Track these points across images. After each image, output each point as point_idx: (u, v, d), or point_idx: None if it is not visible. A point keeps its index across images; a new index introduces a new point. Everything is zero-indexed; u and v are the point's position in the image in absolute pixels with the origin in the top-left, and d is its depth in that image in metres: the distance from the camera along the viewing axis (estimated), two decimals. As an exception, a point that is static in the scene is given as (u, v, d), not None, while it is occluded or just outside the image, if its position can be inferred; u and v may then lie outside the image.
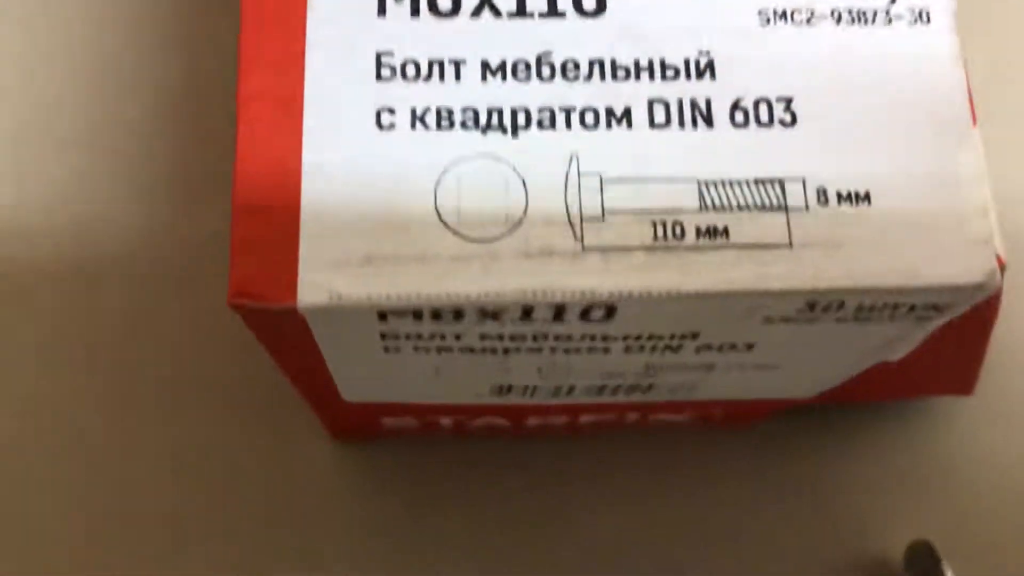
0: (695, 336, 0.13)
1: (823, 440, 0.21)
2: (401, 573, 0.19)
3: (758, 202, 0.11)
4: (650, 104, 0.12)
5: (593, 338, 0.12)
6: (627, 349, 0.13)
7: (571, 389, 0.15)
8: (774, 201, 0.11)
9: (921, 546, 0.19)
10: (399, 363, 0.13)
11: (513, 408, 0.17)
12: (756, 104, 0.12)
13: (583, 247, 0.11)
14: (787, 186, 0.11)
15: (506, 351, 0.13)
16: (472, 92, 0.12)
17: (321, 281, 0.11)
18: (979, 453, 0.21)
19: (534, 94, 0.12)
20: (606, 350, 0.13)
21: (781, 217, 0.11)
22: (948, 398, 0.21)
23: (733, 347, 0.13)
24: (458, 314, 0.11)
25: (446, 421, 0.18)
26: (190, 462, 0.20)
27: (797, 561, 0.20)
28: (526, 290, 0.11)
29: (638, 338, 0.13)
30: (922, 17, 0.12)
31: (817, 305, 0.12)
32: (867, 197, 0.11)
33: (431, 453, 0.20)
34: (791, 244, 0.11)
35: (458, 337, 0.12)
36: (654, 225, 0.11)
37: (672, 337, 0.13)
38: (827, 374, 0.15)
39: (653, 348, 0.13)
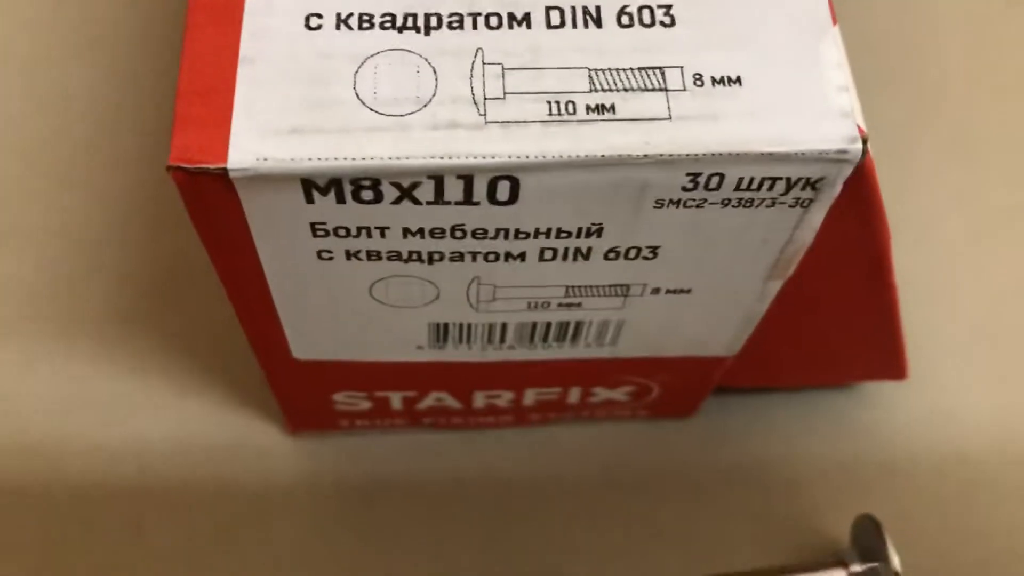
0: (600, 232, 0.14)
1: (766, 429, 0.21)
2: (353, 563, 0.20)
3: (641, 85, 0.13)
4: (547, 9, 0.13)
5: (506, 234, 0.14)
6: (541, 254, 0.14)
7: (504, 331, 0.16)
8: (655, 84, 0.13)
9: (865, 520, 0.19)
10: (334, 279, 0.14)
11: (456, 371, 0.18)
12: (640, 9, 0.13)
13: (486, 121, 0.12)
14: (666, 73, 0.13)
15: (430, 258, 0.14)
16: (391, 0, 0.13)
17: (250, 147, 0.12)
18: (917, 437, 0.21)
19: (446, 2, 0.13)
20: (522, 256, 0.14)
21: (662, 97, 0.13)
22: (884, 387, 0.21)
23: (639, 252, 0.14)
24: (377, 192, 0.13)
25: (396, 401, 0.19)
26: (151, 453, 0.21)
27: (749, 544, 0.20)
28: (435, 154, 0.12)
29: (547, 234, 0.14)
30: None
31: (700, 177, 0.13)
32: (739, 80, 0.13)
33: (385, 446, 0.21)
34: (671, 118, 0.13)
35: (383, 233, 0.13)
36: (548, 104, 0.13)
37: (579, 233, 0.14)
38: (737, 305, 0.16)
39: (565, 253, 0.14)
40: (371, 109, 0.12)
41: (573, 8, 0.13)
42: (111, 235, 0.23)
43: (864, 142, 0.13)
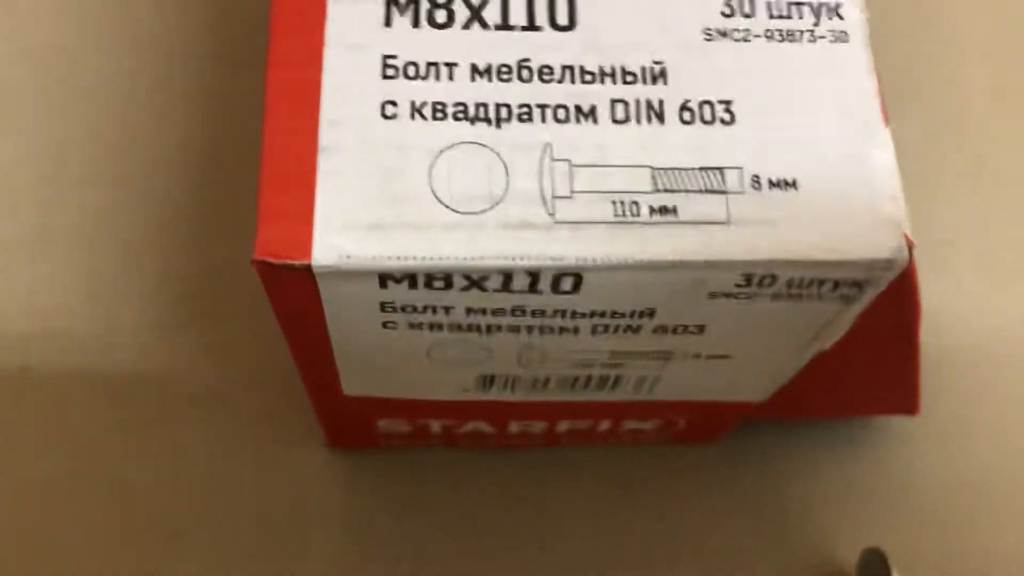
0: (652, 314, 0.14)
1: (783, 456, 0.22)
2: (386, 571, 0.21)
3: (702, 186, 0.13)
4: (612, 103, 0.14)
5: (563, 314, 0.14)
6: (593, 330, 0.15)
7: (547, 382, 0.17)
8: (715, 185, 0.13)
9: (873, 554, 0.20)
10: (396, 343, 0.15)
11: (496, 408, 0.19)
12: (701, 105, 0.14)
13: (555, 221, 0.13)
14: (726, 173, 0.13)
15: (488, 329, 0.15)
16: (463, 90, 0.14)
17: (333, 243, 0.13)
18: (928, 470, 0.22)
19: (515, 93, 0.14)
20: (576, 330, 0.15)
21: (721, 199, 0.13)
22: (901, 420, 0.22)
23: (686, 329, 0.15)
24: (448, 282, 0.13)
25: (436, 427, 0.20)
26: (189, 464, 0.21)
27: (758, 570, 0.21)
28: (506, 255, 0.13)
29: (603, 315, 0.14)
30: (842, 37, 0.14)
31: (753, 278, 0.13)
32: (794, 184, 0.13)
33: (420, 463, 0.22)
34: (729, 222, 0.13)
35: (447, 311, 0.14)
36: (614, 204, 0.13)
37: (632, 315, 0.14)
38: (773, 366, 0.17)
39: (616, 328, 0.15)
40: (446, 206, 0.13)
41: (637, 101, 0.14)
42: (150, 237, 0.23)
43: (910, 250, 0.13)
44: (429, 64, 0.14)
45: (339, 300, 0.14)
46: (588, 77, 0.14)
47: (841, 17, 0.15)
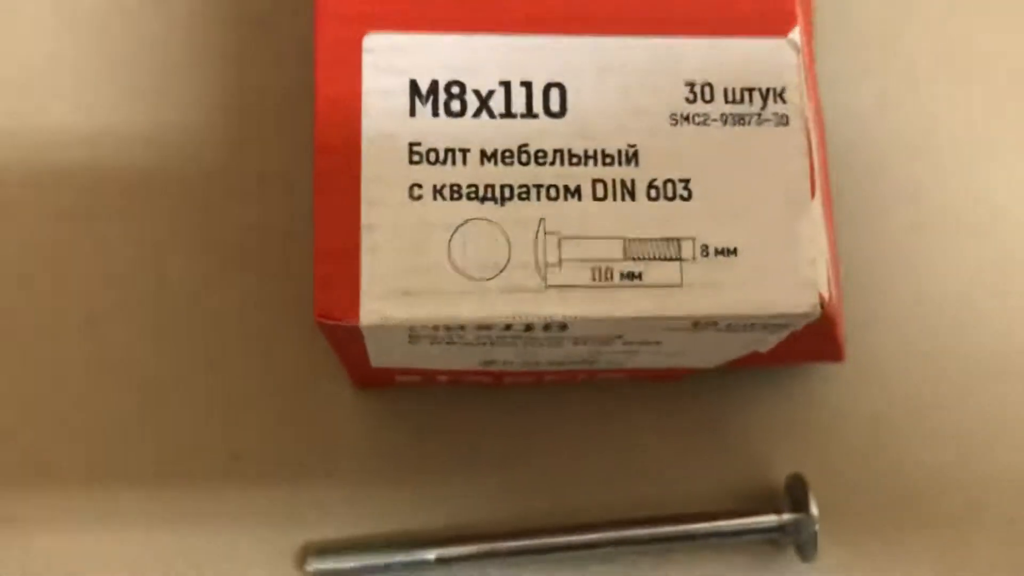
0: (620, 337, 0.18)
1: (731, 394, 0.26)
2: (404, 488, 0.25)
3: (662, 254, 0.17)
4: (593, 183, 0.17)
5: (551, 340, 0.18)
6: (575, 343, 0.19)
7: (537, 363, 0.21)
8: (673, 254, 0.17)
9: (796, 478, 0.25)
10: (418, 349, 0.19)
11: (495, 372, 0.23)
12: (665, 183, 0.17)
13: (546, 286, 0.17)
14: (682, 243, 0.17)
15: (492, 343, 0.19)
16: (474, 173, 0.17)
17: (375, 308, 0.16)
18: (848, 407, 0.27)
19: (516, 174, 0.17)
20: (561, 343, 0.19)
21: (677, 265, 0.17)
22: (829, 365, 0.27)
23: (647, 343, 0.19)
24: (462, 328, 0.17)
25: (443, 378, 0.24)
26: (243, 400, 0.26)
27: (705, 487, 0.26)
28: (507, 315, 0.17)
29: (583, 339, 0.18)
30: (783, 121, 0.18)
31: (700, 323, 0.17)
32: (735, 251, 0.17)
33: (431, 400, 0.26)
34: (682, 284, 0.17)
35: (461, 337, 0.18)
36: (592, 270, 0.17)
37: (605, 339, 0.18)
38: (718, 356, 0.21)
39: (592, 343, 0.19)
40: (461, 274, 0.17)
41: (614, 180, 0.17)
42: (203, 196, 0.27)
43: (822, 306, 0.17)
44: (447, 151, 0.17)
45: (377, 338, 0.17)
46: (575, 159, 0.17)
47: (784, 101, 0.18)
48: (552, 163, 0.17)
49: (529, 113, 0.17)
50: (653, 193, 0.17)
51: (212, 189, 0.27)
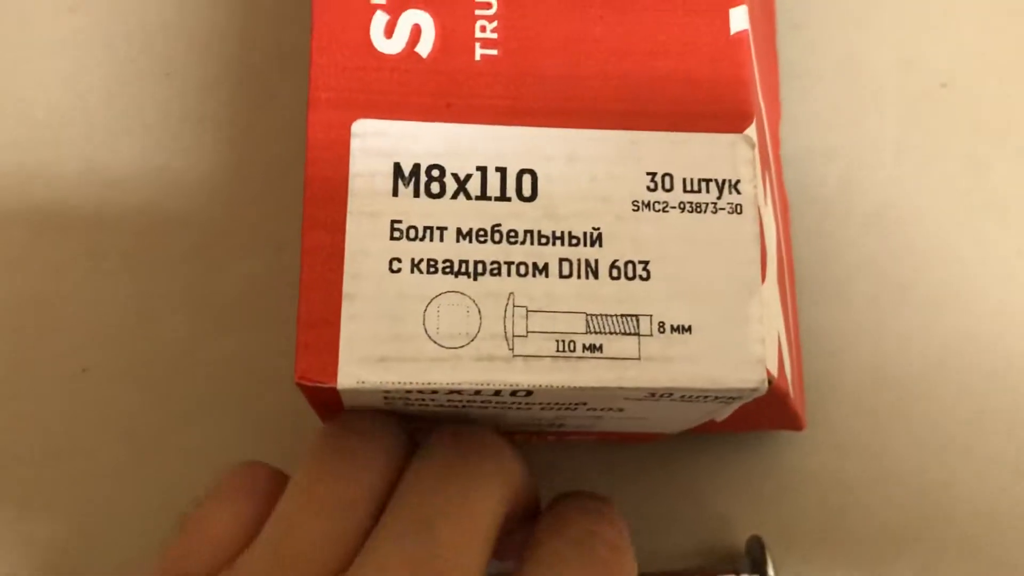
0: (584, 404, 0.20)
1: (699, 457, 0.28)
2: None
3: (621, 329, 0.18)
4: (560, 261, 0.19)
5: (519, 405, 0.20)
6: (542, 408, 0.20)
7: (507, 426, 0.23)
8: (631, 329, 0.18)
9: (755, 539, 0.26)
10: (393, 408, 0.20)
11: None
12: (625, 264, 0.19)
13: (513, 355, 0.18)
14: (640, 320, 0.18)
15: (464, 406, 0.20)
16: (450, 249, 0.18)
17: (352, 372, 0.18)
18: (809, 472, 0.28)
19: (489, 252, 0.19)
20: (528, 407, 0.20)
21: (635, 340, 0.18)
22: (789, 432, 0.28)
23: (610, 410, 0.20)
24: (434, 392, 0.18)
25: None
26: (219, 452, 0.27)
27: (670, 547, 0.27)
28: (477, 382, 0.18)
29: (548, 405, 0.20)
30: (737, 210, 0.19)
31: (656, 394, 0.19)
32: (689, 329, 0.18)
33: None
34: (640, 358, 0.18)
35: (433, 400, 0.19)
36: (557, 342, 0.18)
37: (570, 405, 0.20)
38: (678, 424, 0.22)
39: (558, 408, 0.20)
40: (435, 342, 0.18)
41: (579, 260, 0.19)
42: (192, 257, 0.28)
43: (770, 382, 0.19)
44: (426, 228, 0.19)
45: (354, 398, 0.19)
46: (543, 240, 0.19)
47: (739, 192, 0.19)
48: (522, 242, 0.19)
49: (503, 196, 0.19)
50: (615, 273, 0.19)
51: (206, 246, 0.28)
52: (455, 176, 0.19)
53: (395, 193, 0.19)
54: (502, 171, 0.19)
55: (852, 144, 0.30)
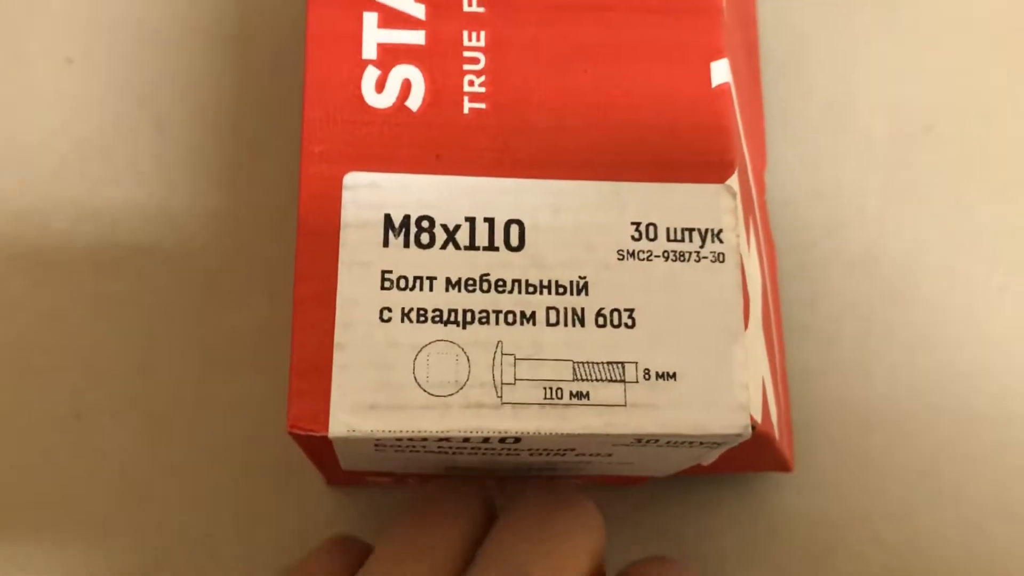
0: (573, 450, 0.20)
1: (686, 498, 0.28)
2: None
3: (607, 377, 0.19)
4: (547, 310, 0.19)
5: (508, 451, 0.20)
6: (531, 454, 0.20)
7: (497, 469, 0.23)
8: (617, 376, 0.19)
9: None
10: (384, 455, 0.21)
11: (459, 472, 0.24)
12: (611, 312, 0.19)
13: (501, 403, 0.18)
14: (626, 367, 0.19)
15: (454, 453, 0.20)
16: (439, 298, 0.19)
17: (343, 420, 0.18)
18: (796, 512, 0.28)
19: (477, 301, 0.19)
20: (518, 454, 0.20)
21: (620, 387, 0.19)
22: (777, 473, 0.28)
23: (598, 455, 0.21)
24: (424, 440, 0.19)
25: (412, 480, 0.26)
26: (212, 496, 0.27)
27: (662, 586, 0.27)
28: (465, 429, 0.18)
29: (536, 451, 0.20)
30: (719, 259, 0.20)
31: (642, 439, 0.19)
32: (674, 376, 0.19)
33: (401, 498, 0.27)
34: (626, 404, 0.19)
35: (424, 447, 0.20)
36: (544, 390, 0.19)
37: (558, 451, 0.20)
38: (666, 468, 0.22)
39: (547, 454, 0.20)
40: (424, 391, 0.18)
41: (565, 308, 0.19)
42: (190, 300, 0.28)
43: (753, 428, 0.19)
44: (415, 278, 0.19)
45: (345, 446, 0.19)
46: (531, 289, 0.19)
47: (721, 241, 0.20)
48: (510, 291, 0.19)
49: (491, 246, 0.19)
50: (601, 320, 0.19)
51: (200, 292, 0.29)
52: (444, 227, 0.19)
53: (385, 244, 0.19)
54: (490, 221, 0.19)
55: (838, 187, 0.31)
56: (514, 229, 0.19)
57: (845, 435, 0.29)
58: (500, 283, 0.19)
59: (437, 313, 0.19)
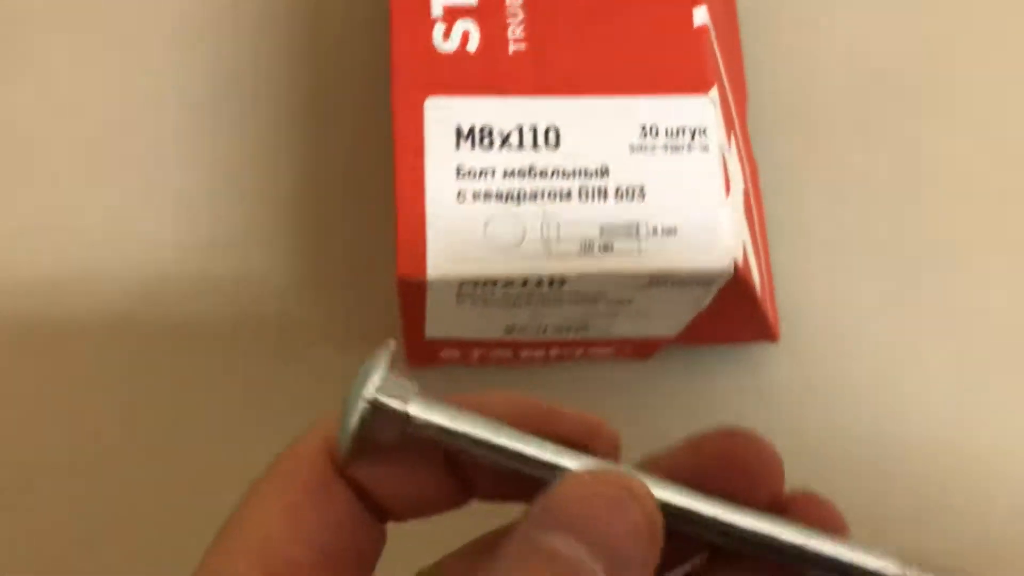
0: (603, 295, 0.27)
1: (690, 367, 0.35)
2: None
3: (626, 233, 0.26)
4: (580, 189, 0.26)
5: (554, 298, 0.27)
6: (571, 301, 0.27)
7: (545, 329, 0.30)
8: (633, 233, 0.26)
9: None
10: (462, 308, 0.28)
11: (514, 344, 0.31)
12: (626, 189, 0.26)
13: (549, 254, 0.25)
14: (639, 225, 0.26)
15: (513, 303, 0.27)
16: (499, 183, 0.26)
17: (438, 266, 0.25)
18: (784, 377, 0.35)
19: (527, 185, 0.26)
20: (560, 303, 0.27)
21: (635, 240, 0.26)
22: (765, 345, 0.35)
23: (620, 302, 0.27)
24: (494, 283, 0.26)
25: (475, 354, 0.33)
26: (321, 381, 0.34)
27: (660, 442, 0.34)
28: (525, 272, 0.25)
29: (576, 298, 0.27)
30: (705, 149, 0.27)
31: (653, 279, 0.26)
32: (675, 231, 0.26)
33: (465, 378, 0.34)
34: (640, 252, 0.26)
35: (492, 295, 0.27)
36: (580, 244, 0.26)
37: (592, 297, 0.27)
38: (675, 318, 0.29)
39: (583, 302, 0.27)
40: (493, 247, 0.25)
41: (593, 187, 0.26)
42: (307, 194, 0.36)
43: (736, 268, 0.26)
44: (481, 170, 0.26)
45: (435, 292, 0.26)
46: (566, 175, 0.26)
47: (706, 136, 0.27)
48: (551, 177, 0.26)
49: (535, 146, 0.26)
50: (619, 195, 0.26)
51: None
52: (500, 133, 0.26)
53: (457, 147, 0.26)
54: (534, 128, 0.26)
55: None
56: (551, 134, 0.26)
57: (826, 311, 0.35)
58: (543, 172, 0.26)
59: (499, 194, 0.26)
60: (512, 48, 0.27)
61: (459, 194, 0.26)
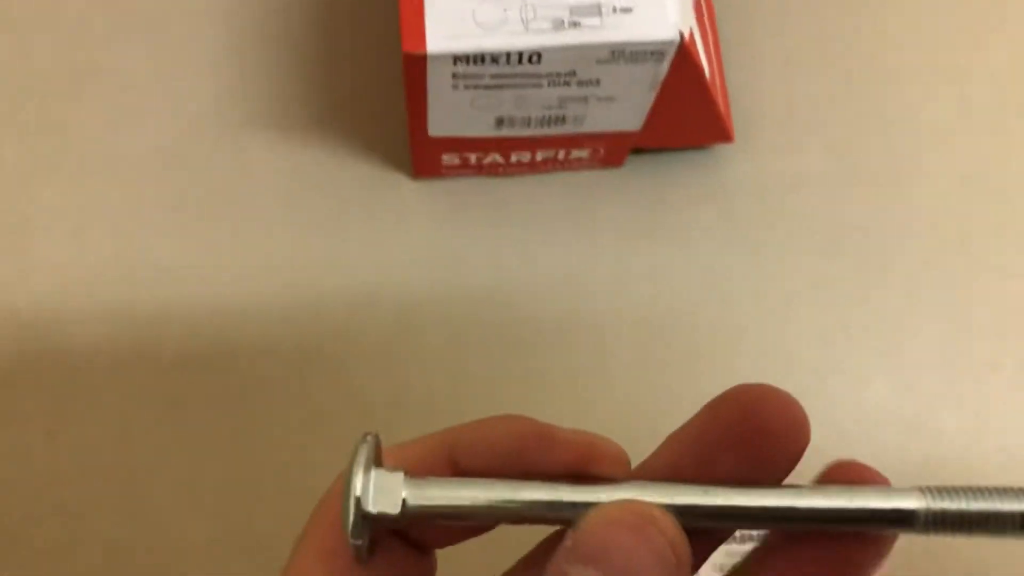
0: (575, 74, 0.32)
1: (655, 171, 0.40)
2: (444, 241, 0.39)
3: (591, 11, 0.31)
4: (551, -21, 0.31)
5: (535, 76, 0.32)
6: (549, 84, 0.33)
7: (529, 121, 0.35)
8: (596, 12, 0.31)
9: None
10: (457, 96, 0.33)
11: (504, 142, 0.37)
12: (590, -22, 0.31)
13: (527, 30, 0.31)
14: (602, 6, 0.31)
15: (500, 87, 0.33)
16: (485, -22, 0.31)
17: (437, 42, 0.30)
18: (740, 176, 0.40)
19: None
20: (540, 85, 0.33)
21: (598, 17, 0.31)
22: (724, 147, 0.40)
23: (590, 82, 0.33)
24: (482, 59, 0.31)
25: (472, 159, 0.38)
26: (303, 194, 0.39)
27: (635, 239, 0.39)
28: (509, 46, 0.31)
29: (552, 77, 0.32)
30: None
31: (614, 53, 0.31)
32: (631, 10, 0.31)
33: (464, 189, 0.40)
34: (602, 27, 0.31)
35: (481, 77, 0.32)
36: (553, 21, 0.31)
37: (566, 75, 0.32)
38: (638, 101, 0.35)
39: (559, 83, 0.33)
40: (479, 25, 0.31)
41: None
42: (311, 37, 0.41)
43: (682, 38, 0.31)
44: (472, -33, 0.31)
45: (434, 70, 0.31)
46: None
47: (654, -65, 0.32)
48: None
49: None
50: (587, -13, 0.31)
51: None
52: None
53: None
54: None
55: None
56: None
57: (781, 112, 0.41)
58: (521, -34, 0.31)
59: (487, -14, 0.31)
60: None
61: (454, -11, 0.31)
